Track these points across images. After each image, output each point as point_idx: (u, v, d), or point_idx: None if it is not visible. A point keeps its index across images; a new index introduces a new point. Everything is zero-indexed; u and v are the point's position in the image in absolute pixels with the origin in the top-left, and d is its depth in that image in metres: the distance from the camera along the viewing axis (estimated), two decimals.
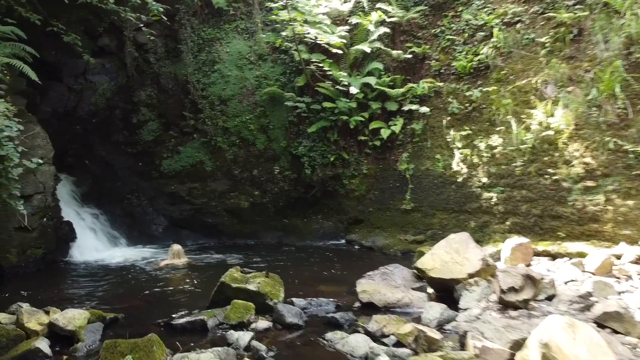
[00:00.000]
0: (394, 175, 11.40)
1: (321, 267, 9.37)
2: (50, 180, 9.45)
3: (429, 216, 10.53)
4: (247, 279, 6.47)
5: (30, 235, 8.97)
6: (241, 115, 12.46)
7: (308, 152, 11.93)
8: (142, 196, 12.18)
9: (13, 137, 7.87)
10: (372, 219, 11.56)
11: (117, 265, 9.72)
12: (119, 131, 12.81)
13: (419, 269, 6.93)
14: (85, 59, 11.28)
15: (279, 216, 12.34)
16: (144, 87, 12.87)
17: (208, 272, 8.97)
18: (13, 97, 9.87)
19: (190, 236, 12.20)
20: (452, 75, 10.94)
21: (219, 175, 12.43)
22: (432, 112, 10.97)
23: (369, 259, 10.01)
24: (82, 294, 7.68)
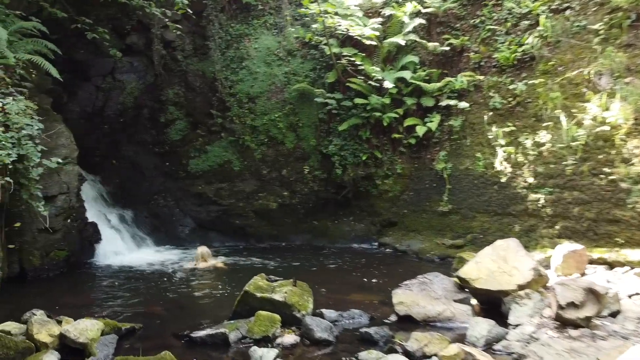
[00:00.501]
0: (430, 175, 10.69)
1: (353, 272, 8.76)
2: (74, 181, 9.15)
3: (469, 219, 9.78)
4: (272, 287, 5.92)
5: (53, 237, 8.67)
6: (270, 113, 11.97)
7: (339, 151, 11.34)
8: (168, 197, 11.84)
9: (34, 135, 7.58)
10: (407, 222, 10.88)
11: (142, 268, 9.35)
12: (146, 130, 12.51)
13: (462, 279, 6.24)
14: (112, 53, 11.00)
15: (308, 218, 11.79)
16: (172, 86, 12.53)
17: (234, 276, 8.48)
18: (39, 95, 9.64)
19: (217, 238, 11.78)
20: (494, 67, 10.15)
21: (247, 175, 11.97)
22: (471, 108, 10.22)
23: (404, 265, 9.35)
24: (102, 298, 7.30)
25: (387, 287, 7.54)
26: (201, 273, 8.92)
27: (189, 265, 9.34)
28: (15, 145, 7.10)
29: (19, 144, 7.13)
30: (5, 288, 7.64)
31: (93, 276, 8.81)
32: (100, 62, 12.67)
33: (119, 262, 9.77)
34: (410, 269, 8.94)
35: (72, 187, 9.10)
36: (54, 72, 8.15)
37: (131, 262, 9.83)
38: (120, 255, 10.11)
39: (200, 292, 7.56)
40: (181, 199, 11.84)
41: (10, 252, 8.15)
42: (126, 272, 9.11)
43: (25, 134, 7.30)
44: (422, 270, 8.62)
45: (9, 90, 7.63)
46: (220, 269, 9.17)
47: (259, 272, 8.88)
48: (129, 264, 9.73)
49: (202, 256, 9.39)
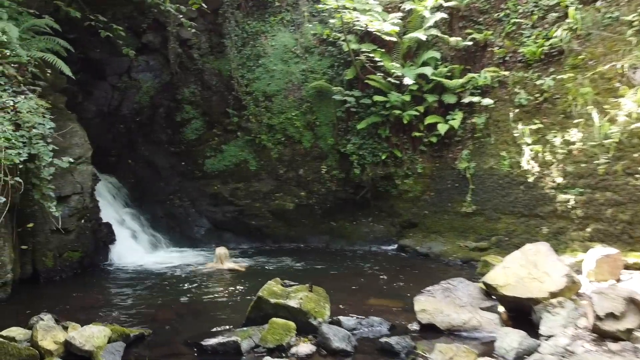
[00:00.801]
0: (453, 175, 10.27)
1: (372, 276, 8.41)
2: (88, 181, 8.98)
3: (493, 220, 9.34)
4: (287, 293, 5.62)
5: (67, 237, 8.51)
6: (286, 111, 11.69)
7: (357, 150, 11.00)
8: (184, 197, 11.64)
9: (45, 135, 7.40)
10: (428, 223, 10.48)
11: (156, 270, 9.14)
12: (162, 130, 12.34)
13: (489, 285, 5.85)
14: (124, 51, 10.83)
15: (326, 219, 11.47)
16: (188, 84, 12.35)
17: (250, 279, 8.22)
18: (53, 94, 9.52)
19: (233, 239, 11.53)
20: (519, 62, 9.69)
21: (263, 175, 11.70)
22: (496, 105, 9.77)
23: (425, 268, 8.97)
24: (114, 301, 7.09)
25: (408, 292, 7.18)
26: (217, 275, 8.67)
27: (207, 266, 9.09)
28: (26, 144, 6.93)
29: (30, 143, 6.96)
30: (18, 289, 7.51)
31: (106, 278, 8.63)
32: (116, 61, 12.56)
33: (134, 263, 9.59)
34: (432, 272, 8.58)
35: (86, 187, 8.93)
36: (66, 69, 7.98)
37: (146, 263, 9.64)
38: (134, 256, 9.92)
39: (214, 295, 7.29)
40: (197, 199, 11.63)
41: (23, 253, 8.02)
42: (140, 273, 8.91)
43: (37, 133, 7.13)
44: (444, 275, 8.30)
45: (22, 89, 7.47)
46: (238, 271, 8.91)
47: (275, 274, 8.66)
48: (143, 265, 9.55)
49: (221, 258, 9.14)
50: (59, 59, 8.20)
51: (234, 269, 8.98)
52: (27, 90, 7.53)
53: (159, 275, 8.76)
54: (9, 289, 6.99)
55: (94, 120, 12.26)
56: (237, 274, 8.73)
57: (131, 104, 12.49)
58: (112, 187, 11.23)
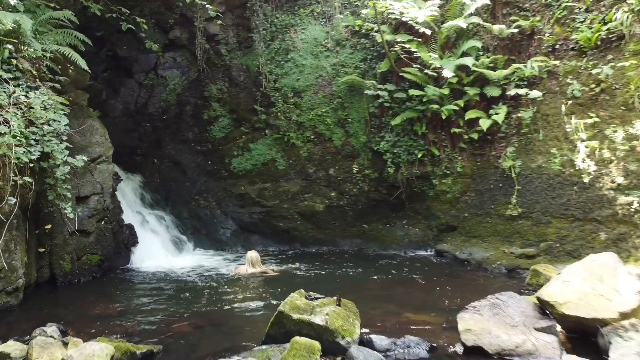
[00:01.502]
0: (496, 174, 9.38)
1: (407, 285, 7.64)
2: (108, 180, 8.56)
3: (542, 225, 8.41)
4: (312, 307, 4.94)
5: (86, 240, 8.11)
6: (316, 108, 11.04)
7: (391, 148, 10.22)
8: (210, 197, 11.12)
9: (60, 132, 6.97)
10: (468, 226, 9.61)
11: (179, 274, 8.63)
12: (189, 128, 11.88)
13: (545, 302, 5.01)
14: (147, 45, 10.43)
15: (358, 221, 10.74)
16: (215, 81, 11.86)
17: (275, 286, 7.60)
18: (75, 92, 9.16)
19: (259, 242, 10.95)
20: (572, 50, 8.73)
21: (292, 175, 11.07)
22: (545, 97, 8.84)
23: (466, 276, 8.13)
24: (130, 309, 6.57)
25: (449, 305, 6.41)
26: (243, 281, 8.07)
27: (238, 270, 8.51)
28: (38, 142, 6.50)
29: (43, 141, 6.53)
30: (33, 294, 7.12)
31: (126, 283, 8.16)
32: (144, 58, 12.20)
33: (156, 267, 9.12)
34: (474, 282, 7.74)
35: (107, 187, 8.51)
36: (83, 63, 7.55)
37: (169, 267, 9.16)
38: (157, 259, 9.46)
39: (235, 304, 6.69)
40: (223, 199, 11.09)
41: (41, 255, 7.65)
42: (161, 278, 8.42)
43: (50, 130, 6.70)
44: (488, 285, 7.47)
45: (36, 84, 7.07)
46: (270, 276, 8.31)
47: (301, 280, 8.10)
48: (166, 268, 9.07)
49: (252, 261, 8.55)
50: (78, 53, 7.74)
51: (266, 273, 8.41)
52: (43, 85, 7.11)
53: (180, 280, 8.25)
54: (21, 295, 6.58)
55: (120, 118, 11.96)
56: (264, 279, 8.13)
57: (158, 101, 12.10)
58: (136, 186, 10.84)
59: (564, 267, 7.41)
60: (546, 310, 5.07)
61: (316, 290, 7.27)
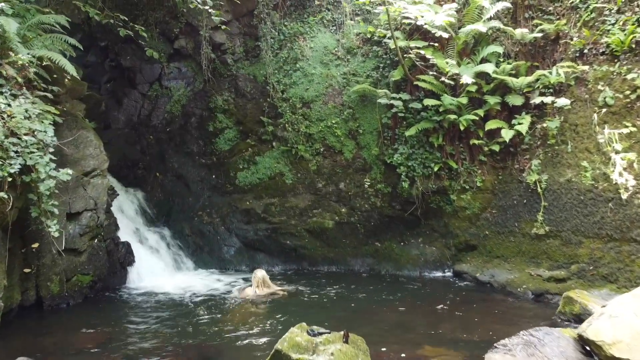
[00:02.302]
0: (519, 189, 8.58)
1: (424, 311, 6.85)
2: (103, 195, 7.95)
3: (573, 245, 7.57)
4: (315, 345, 4.20)
5: (77, 259, 7.49)
6: (326, 119, 10.38)
7: (405, 161, 9.48)
8: (214, 213, 10.45)
9: (47, 143, 6.38)
10: (490, 246, 8.80)
11: (177, 296, 7.95)
12: (194, 140, 11.28)
13: (589, 341, 4.21)
14: (149, 53, 9.94)
15: (370, 239, 9.97)
16: (221, 92, 11.28)
17: (279, 310, 6.90)
18: (71, 101, 8.63)
19: (265, 260, 10.21)
20: (602, 55, 7.96)
21: (300, 190, 10.37)
22: (573, 106, 8.06)
23: (490, 302, 7.30)
24: (115, 340, 5.88)
25: (472, 337, 5.62)
26: (245, 306, 7.34)
27: (245, 294, 7.79)
28: (19, 154, 5.91)
29: (24, 153, 5.93)
30: (15, 319, 6.51)
31: (118, 306, 7.49)
32: (148, 68, 11.71)
33: (154, 287, 8.45)
34: (498, 308, 6.92)
35: (101, 202, 7.89)
36: (71, 69, 6.98)
37: (168, 287, 8.48)
38: (156, 279, 8.80)
39: (234, 335, 5.97)
40: (227, 215, 10.41)
41: (26, 277, 7.02)
42: (158, 300, 7.74)
43: (34, 141, 6.11)
44: (515, 312, 6.65)
45: (22, 92, 6.50)
46: (278, 297, 7.63)
47: (308, 304, 7.35)
48: (165, 289, 8.39)
49: (259, 282, 7.85)
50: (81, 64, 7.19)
51: (275, 294, 7.72)
52: (29, 93, 6.54)
53: (177, 303, 7.56)
54: None
55: (122, 130, 11.43)
56: (270, 303, 7.40)
57: (162, 113, 11.57)
58: (137, 201, 10.22)
59: (599, 293, 6.60)
60: (591, 351, 4.26)
61: (324, 315, 6.59)
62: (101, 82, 12.06)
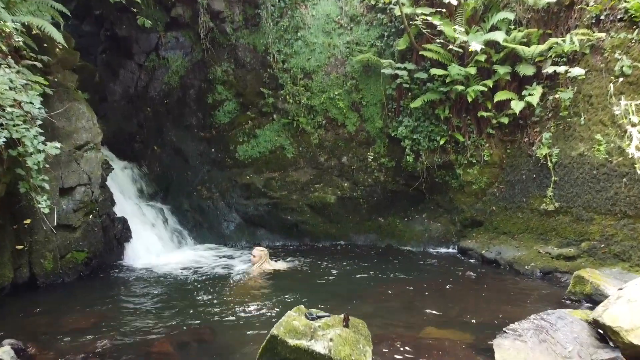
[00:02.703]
0: (528, 164, 8.23)
1: (428, 290, 6.59)
2: (97, 170, 7.65)
3: (584, 221, 7.26)
4: (313, 330, 3.95)
5: (71, 235, 7.24)
6: (328, 90, 9.99)
7: (410, 134, 9.13)
8: (213, 188, 10.17)
9: (35, 116, 6.05)
10: (496, 222, 8.50)
11: (175, 272, 7.72)
12: (192, 113, 10.91)
13: (606, 327, 3.94)
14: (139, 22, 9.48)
15: (373, 214, 9.70)
16: (220, 62, 10.84)
17: (280, 289, 6.65)
18: (63, 72, 8.25)
19: (266, 236, 9.98)
20: (620, 22, 7.47)
21: (302, 163, 10.06)
22: (587, 76, 7.63)
23: (496, 280, 7.04)
24: (108, 319, 5.65)
25: (478, 318, 5.37)
26: (246, 283, 7.13)
27: (252, 271, 7.58)
28: (4, 126, 5.59)
29: (9, 126, 5.61)
30: (7, 298, 6.30)
31: (114, 283, 7.27)
32: (144, 38, 11.24)
33: (152, 264, 8.23)
34: (506, 287, 6.66)
35: (95, 177, 7.61)
36: (58, 36, 6.57)
37: (167, 264, 8.27)
38: (154, 256, 8.58)
39: (230, 314, 5.74)
40: (227, 190, 10.13)
41: (19, 254, 6.77)
42: (155, 277, 7.52)
43: (20, 113, 5.78)
44: (523, 291, 6.38)
45: (7, 62, 6.13)
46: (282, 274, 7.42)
47: (308, 283, 7.11)
48: (164, 265, 8.18)
49: (259, 259, 7.65)
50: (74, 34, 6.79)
51: (277, 271, 7.51)
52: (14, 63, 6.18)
53: (175, 280, 7.34)
54: None
55: (119, 103, 11.06)
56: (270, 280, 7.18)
57: (159, 84, 11.16)
58: (134, 176, 9.94)
59: (611, 272, 6.32)
60: (606, 337, 4.00)
61: (325, 294, 6.36)
62: (96, 52, 11.62)
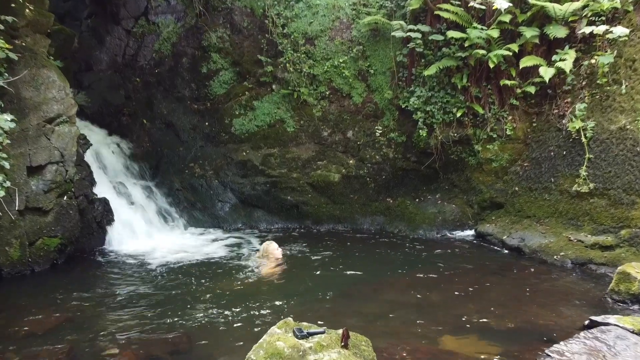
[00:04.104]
0: (558, 139, 7.18)
1: (443, 284, 5.67)
2: (71, 146, 6.74)
3: (624, 205, 6.23)
4: (302, 353, 3.04)
5: (42, 220, 6.38)
6: (332, 57, 8.95)
7: (423, 106, 8.09)
8: (207, 165, 9.24)
9: None
10: (519, 204, 7.51)
11: (161, 260, 6.87)
12: (185, 84, 9.92)
13: None
14: None
15: (381, 194, 8.75)
16: (215, 28, 9.78)
17: (274, 287, 5.75)
18: (33, 36, 7.26)
19: (263, 218, 9.07)
20: None
21: (303, 138, 9.08)
22: (630, 37, 6.50)
23: (521, 273, 6.08)
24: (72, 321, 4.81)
25: (505, 323, 4.44)
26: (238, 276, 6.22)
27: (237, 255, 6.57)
28: None
29: None
30: None
31: (93, 272, 6.44)
32: (132, 1, 10.23)
33: (138, 250, 7.38)
34: (533, 282, 5.70)
35: (68, 153, 6.70)
36: None
37: (153, 249, 7.43)
38: (140, 240, 7.75)
39: (219, 314, 4.87)
40: (222, 167, 9.19)
41: None
42: (138, 266, 6.67)
43: None
44: (554, 288, 5.43)
45: None
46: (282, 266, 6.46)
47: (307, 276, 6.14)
48: (149, 251, 7.33)
49: (268, 253, 6.63)
50: None
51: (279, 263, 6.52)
52: None
53: (160, 271, 6.44)
54: None
55: (105, 72, 10.08)
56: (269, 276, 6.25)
57: (149, 52, 10.17)
58: (121, 153, 9.03)
59: None
60: None
61: (325, 290, 5.46)
62: (82, 17, 10.59)
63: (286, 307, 4.98)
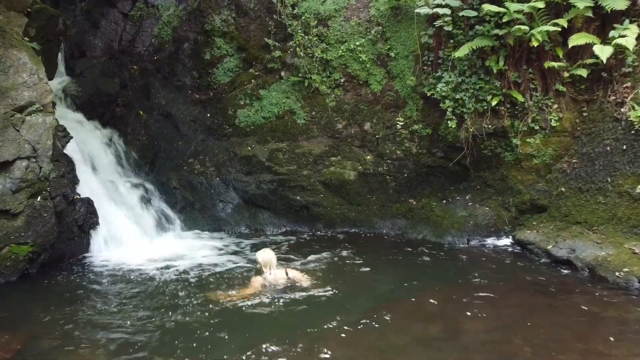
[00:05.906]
0: (615, 130, 5.99)
1: (479, 315, 4.53)
2: (46, 139, 5.79)
3: None
4: None
5: (10, 224, 5.45)
6: (348, 40, 7.91)
7: (452, 93, 6.94)
8: (208, 161, 8.24)
9: None
10: (566, 207, 6.32)
11: (151, 273, 5.84)
12: (187, 72, 8.97)
13: None
14: None
15: (402, 195, 7.65)
16: (219, 10, 8.84)
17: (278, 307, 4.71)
18: (6, 13, 6.34)
19: (270, 221, 8.00)
20: None
21: (315, 131, 8.04)
22: None
23: (578, 295, 4.92)
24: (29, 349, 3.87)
25: None
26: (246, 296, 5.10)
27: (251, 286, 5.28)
28: None
29: None
30: None
31: (69, 286, 5.46)
32: None
33: (127, 258, 6.40)
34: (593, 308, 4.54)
35: (43, 147, 5.75)
36: None
37: (144, 257, 6.46)
38: (130, 246, 6.79)
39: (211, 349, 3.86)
40: (224, 163, 8.18)
41: None
42: (123, 280, 5.66)
43: None
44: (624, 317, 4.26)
45: None
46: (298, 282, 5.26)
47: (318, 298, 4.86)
48: (138, 259, 6.35)
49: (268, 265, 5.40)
50: None
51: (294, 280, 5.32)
52: None
53: (147, 286, 5.41)
54: None
55: (100, 59, 9.15)
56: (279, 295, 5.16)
57: (148, 38, 9.28)
58: (113, 147, 8.09)
59: None
60: None
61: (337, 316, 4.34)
62: (76, 0, 9.69)
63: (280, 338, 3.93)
